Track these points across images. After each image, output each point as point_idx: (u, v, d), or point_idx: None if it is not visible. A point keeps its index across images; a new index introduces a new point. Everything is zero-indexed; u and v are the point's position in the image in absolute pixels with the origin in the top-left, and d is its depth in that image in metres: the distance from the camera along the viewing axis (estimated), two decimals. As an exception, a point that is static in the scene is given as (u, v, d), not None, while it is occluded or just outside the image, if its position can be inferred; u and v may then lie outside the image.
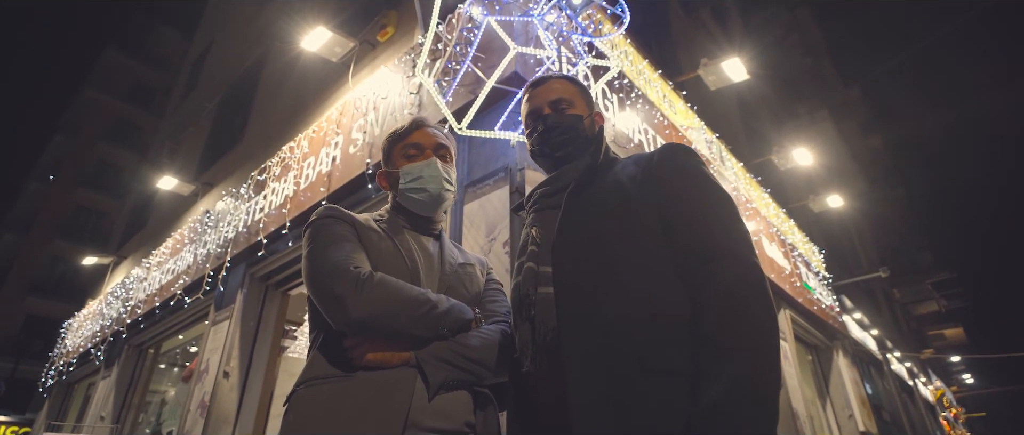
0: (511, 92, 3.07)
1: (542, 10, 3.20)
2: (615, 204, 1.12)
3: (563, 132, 1.32)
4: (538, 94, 1.39)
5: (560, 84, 1.39)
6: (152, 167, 10.57)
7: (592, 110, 1.39)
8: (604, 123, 1.41)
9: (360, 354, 1.10)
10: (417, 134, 1.43)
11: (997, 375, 38.61)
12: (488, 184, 3.01)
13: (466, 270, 1.38)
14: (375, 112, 4.10)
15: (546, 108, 1.36)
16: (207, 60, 11.10)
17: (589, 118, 1.37)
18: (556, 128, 1.32)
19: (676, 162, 1.14)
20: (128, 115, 26.12)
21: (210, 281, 5.46)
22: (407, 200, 1.39)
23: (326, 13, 6.29)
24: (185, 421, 4.83)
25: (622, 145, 3.90)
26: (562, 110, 1.34)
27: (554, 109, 1.35)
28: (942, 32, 17.63)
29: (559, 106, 1.35)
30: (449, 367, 1.12)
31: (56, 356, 9.91)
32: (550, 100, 1.36)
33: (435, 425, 1.07)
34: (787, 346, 6.03)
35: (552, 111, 1.35)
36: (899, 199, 25.75)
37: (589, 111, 1.38)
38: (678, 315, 0.99)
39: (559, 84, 1.39)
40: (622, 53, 4.65)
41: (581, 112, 1.36)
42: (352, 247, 1.21)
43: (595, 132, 1.37)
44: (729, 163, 6.17)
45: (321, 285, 1.13)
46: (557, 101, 1.35)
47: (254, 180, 5.49)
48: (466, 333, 1.19)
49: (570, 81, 1.41)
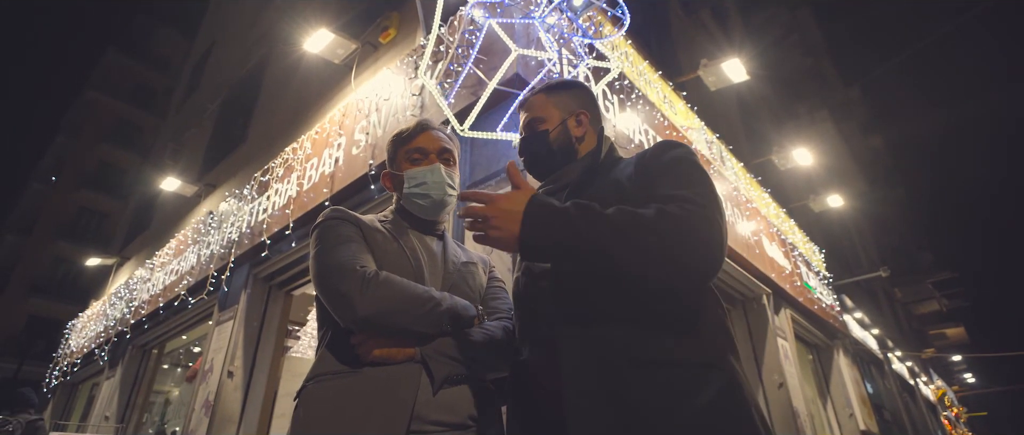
0: (513, 94, 3.11)
1: (543, 12, 3.24)
2: (612, 203, 1.15)
3: (533, 151, 1.37)
4: (521, 115, 1.44)
5: (535, 100, 1.42)
6: (155, 168, 10.62)
7: (572, 112, 1.38)
8: (586, 118, 1.39)
9: (367, 350, 1.14)
10: (422, 138, 1.45)
11: (998, 374, 38.62)
12: (490, 185, 3.05)
13: (469, 268, 1.41)
14: (378, 113, 4.13)
15: (523, 129, 1.41)
16: (209, 61, 11.14)
17: (560, 126, 1.36)
18: (527, 149, 1.38)
19: (666, 151, 1.17)
20: (129, 116, 26.19)
21: (214, 281, 5.50)
22: (411, 204, 1.42)
23: (328, 15, 6.32)
24: (190, 420, 4.86)
25: (622, 145, 3.93)
26: (534, 129, 1.38)
27: (528, 129, 1.39)
28: (943, 31, 17.59)
29: (532, 126, 1.39)
30: (452, 362, 1.16)
31: (60, 356, 9.96)
32: (526, 121, 1.41)
33: (439, 418, 1.11)
34: (788, 345, 6.05)
35: (526, 132, 1.40)
36: (900, 199, 25.75)
37: (564, 116, 1.37)
38: (669, 310, 1.02)
39: (534, 100, 1.42)
40: (622, 54, 4.68)
41: (552, 124, 1.36)
42: (358, 247, 1.24)
43: (578, 133, 1.36)
44: (729, 163, 6.20)
45: (328, 284, 1.17)
46: (530, 121, 1.40)
47: (257, 181, 5.52)
48: (469, 329, 1.23)
49: (546, 92, 1.42)
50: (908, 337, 18.86)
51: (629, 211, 0.98)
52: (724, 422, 0.93)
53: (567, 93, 1.41)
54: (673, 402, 0.93)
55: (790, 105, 15.81)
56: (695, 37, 8.65)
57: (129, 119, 26.13)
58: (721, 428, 0.92)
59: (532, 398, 1.16)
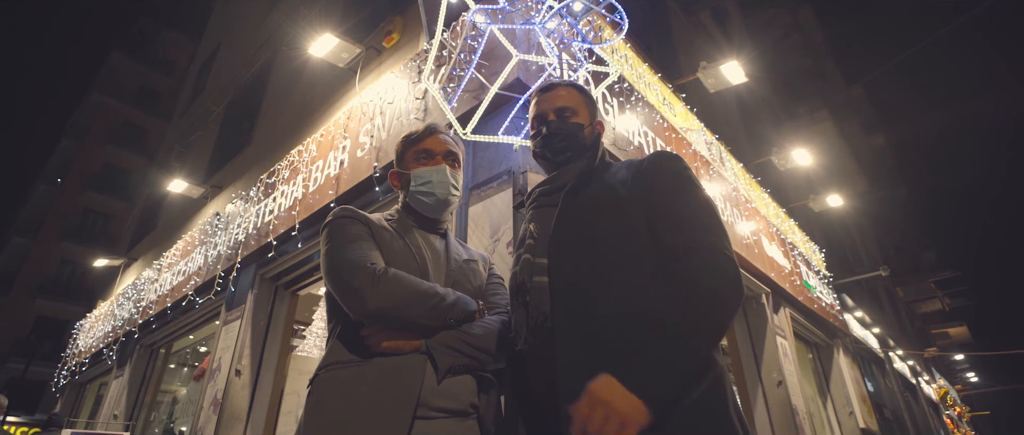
0: (514, 98, 3.19)
1: (543, 18, 3.32)
2: (607, 205, 1.23)
3: (564, 138, 1.42)
4: (545, 99, 1.48)
5: (566, 92, 1.48)
6: (161, 170, 10.73)
7: (594, 119, 1.48)
8: (603, 130, 1.50)
9: (376, 342, 1.23)
10: (430, 140, 1.55)
11: (1001, 374, 38.51)
12: (492, 187, 3.13)
13: (470, 266, 1.50)
14: (382, 117, 4.21)
15: (551, 114, 1.45)
16: (214, 64, 11.23)
17: (590, 127, 1.46)
18: (557, 134, 1.42)
19: (663, 166, 1.25)
20: (134, 118, 26.40)
21: (221, 282, 5.59)
22: (416, 201, 1.51)
23: (333, 20, 6.41)
24: (199, 418, 4.96)
25: (622, 147, 4.01)
26: (566, 118, 1.44)
27: (558, 116, 1.44)
28: (946, 30, 17.57)
29: (563, 114, 1.44)
30: (455, 354, 1.25)
31: (68, 356, 10.07)
32: (556, 107, 1.45)
33: (443, 405, 1.20)
34: (787, 343, 6.11)
35: (556, 117, 1.44)
36: (902, 198, 25.74)
37: (591, 120, 1.47)
38: (656, 308, 1.09)
39: (565, 91, 1.48)
40: (622, 57, 4.76)
41: (583, 120, 1.45)
42: (368, 245, 1.33)
43: (593, 139, 1.45)
44: (729, 164, 6.27)
45: (341, 280, 1.25)
46: (561, 109, 1.45)
47: (263, 183, 5.61)
48: (470, 323, 1.32)
49: (577, 90, 1.50)
50: (911, 336, 18.86)
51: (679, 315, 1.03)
52: (701, 409, 1.01)
53: (590, 98, 1.51)
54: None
55: (791, 105, 15.85)
56: (695, 39, 8.71)
57: (134, 121, 26.34)
58: (698, 414, 1.00)
59: (528, 388, 1.24)
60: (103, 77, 26.28)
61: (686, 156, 5.09)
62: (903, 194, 25.84)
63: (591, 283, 1.15)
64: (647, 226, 1.18)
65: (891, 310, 17.23)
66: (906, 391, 13.26)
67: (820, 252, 8.88)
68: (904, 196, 25.90)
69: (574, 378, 1.05)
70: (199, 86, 11.66)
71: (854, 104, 21.61)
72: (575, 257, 1.20)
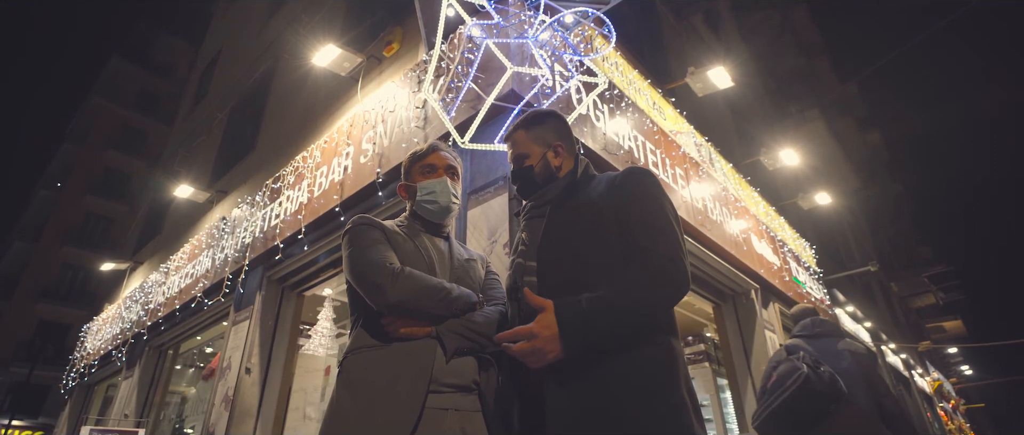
0: (509, 108, 3.41)
1: (536, 31, 3.54)
2: (587, 216, 1.46)
3: (524, 183, 1.65)
4: (509, 147, 1.72)
5: (517, 136, 1.67)
6: (164, 174, 10.91)
7: (548, 149, 1.63)
8: (562, 152, 1.66)
9: (395, 329, 1.47)
10: (433, 156, 1.82)
11: (995, 367, 38.81)
12: (489, 192, 3.35)
13: (470, 264, 1.75)
14: (383, 125, 4.42)
15: (511, 162, 1.69)
16: (216, 70, 11.38)
17: (541, 161, 1.63)
18: (517, 180, 1.67)
19: (635, 179, 1.48)
20: (134, 122, 26.60)
21: (230, 283, 5.78)
22: (422, 209, 1.76)
23: (334, 30, 6.60)
24: (210, 415, 5.15)
25: (613, 152, 4.22)
26: (521, 164, 1.65)
27: (516, 163, 1.67)
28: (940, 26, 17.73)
29: (519, 161, 1.66)
30: (461, 338, 1.49)
31: (76, 359, 10.25)
32: (513, 155, 1.69)
33: (451, 381, 1.44)
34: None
35: (514, 165, 1.68)
36: (896, 194, 26.01)
37: (543, 152, 1.63)
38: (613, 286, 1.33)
39: (517, 137, 1.67)
40: (613, 64, 4.97)
41: (533, 161, 1.63)
42: (385, 247, 1.58)
43: (556, 163, 1.64)
44: (718, 164, 6.48)
45: (365, 277, 1.49)
46: (517, 157, 1.67)
47: (268, 188, 5.80)
48: (472, 313, 1.56)
49: (525, 129, 1.67)
50: (905, 331, 19.11)
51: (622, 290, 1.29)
52: (648, 376, 1.25)
53: (542, 127, 1.68)
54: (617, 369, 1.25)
55: (785, 104, 16.08)
56: (687, 42, 8.92)
57: (134, 125, 26.55)
58: (645, 380, 1.25)
59: (520, 366, 1.45)
60: (103, 81, 26.47)
61: (676, 158, 5.31)
62: (898, 190, 26.12)
63: (572, 283, 1.38)
64: (618, 230, 1.40)
65: (885, 305, 17.48)
66: (900, 384, 13.51)
67: (811, 248, 9.10)
68: (899, 192, 26.18)
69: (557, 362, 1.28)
70: (201, 91, 11.83)
71: (846, 102, 21.85)
72: (559, 261, 1.44)
